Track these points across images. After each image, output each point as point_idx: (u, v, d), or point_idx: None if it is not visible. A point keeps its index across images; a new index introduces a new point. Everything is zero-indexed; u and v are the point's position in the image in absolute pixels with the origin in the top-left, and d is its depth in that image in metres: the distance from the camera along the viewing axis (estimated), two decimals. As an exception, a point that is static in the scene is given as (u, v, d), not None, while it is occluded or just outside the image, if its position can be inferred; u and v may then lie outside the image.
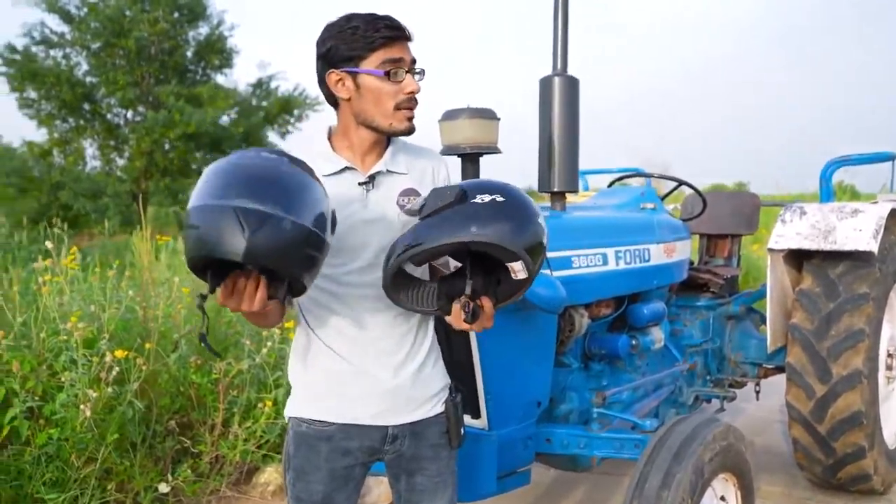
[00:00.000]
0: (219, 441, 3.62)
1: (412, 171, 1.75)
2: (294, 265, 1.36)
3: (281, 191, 1.33)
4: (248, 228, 1.26)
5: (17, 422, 3.04)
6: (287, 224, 1.30)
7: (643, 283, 3.04)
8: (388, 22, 1.61)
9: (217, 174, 1.36)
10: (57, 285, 3.61)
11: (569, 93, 2.70)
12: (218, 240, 1.27)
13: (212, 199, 1.31)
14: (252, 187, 1.31)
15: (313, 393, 1.73)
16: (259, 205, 1.28)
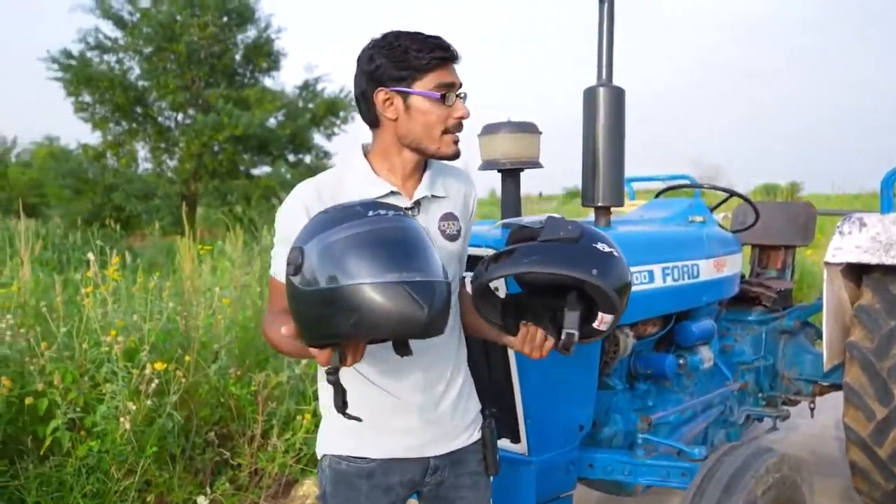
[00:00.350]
0: (258, 453, 3.61)
1: (450, 195, 1.72)
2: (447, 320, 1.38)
3: (423, 251, 1.32)
4: (424, 302, 1.24)
5: (58, 433, 3.06)
6: (442, 286, 1.31)
7: (692, 301, 2.91)
8: (440, 43, 1.56)
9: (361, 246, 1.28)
10: (100, 296, 3.64)
11: (614, 104, 2.59)
12: (402, 317, 1.24)
13: (375, 277, 1.24)
14: (404, 255, 1.28)
15: (354, 428, 1.62)
16: (420, 274, 1.27)
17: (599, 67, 2.63)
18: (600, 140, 2.60)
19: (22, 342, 3.35)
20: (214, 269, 5.52)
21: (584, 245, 1.56)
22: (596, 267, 1.52)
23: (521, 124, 2.35)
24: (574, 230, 1.57)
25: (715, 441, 3.31)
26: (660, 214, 3.16)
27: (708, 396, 3.10)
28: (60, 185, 19.16)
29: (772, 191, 25.75)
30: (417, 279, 1.25)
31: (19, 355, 3.31)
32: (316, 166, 20.98)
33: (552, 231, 1.57)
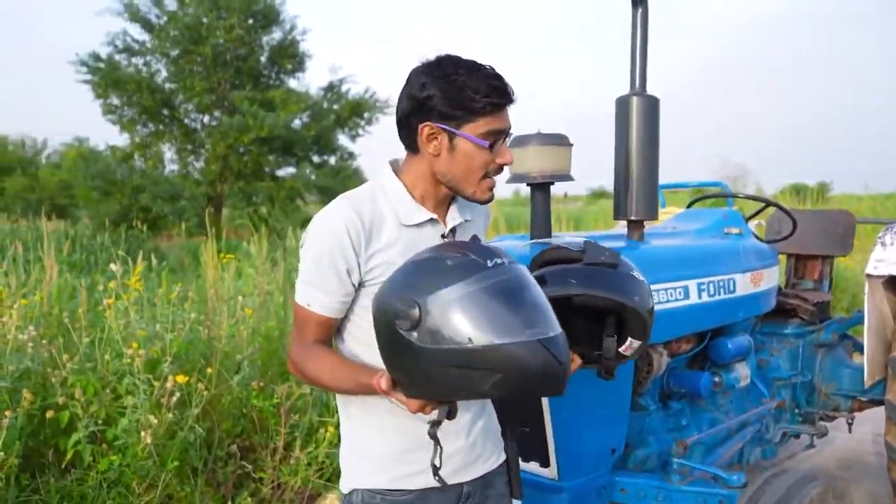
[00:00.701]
0: (280, 466, 3.55)
1: (475, 218, 1.69)
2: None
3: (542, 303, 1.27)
4: (562, 358, 1.21)
5: (80, 446, 3.03)
6: (561, 337, 1.25)
7: (728, 317, 2.81)
8: (499, 85, 1.46)
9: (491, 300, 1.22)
10: (122, 306, 3.60)
11: (648, 113, 2.50)
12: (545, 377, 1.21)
13: (510, 336, 1.18)
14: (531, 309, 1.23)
15: (389, 460, 1.58)
16: (546, 328, 1.22)
17: (633, 75, 2.53)
18: (634, 151, 2.51)
19: (44, 353, 3.32)
20: (238, 273, 5.49)
21: (622, 272, 1.61)
22: (637, 294, 1.58)
23: (552, 136, 2.26)
24: (612, 256, 1.62)
25: (750, 460, 3.20)
26: (693, 226, 3.05)
27: (744, 416, 2.99)
28: (89, 187, 19.37)
29: (800, 191, 25.36)
30: (551, 335, 1.21)
31: (41, 367, 3.28)
32: (340, 167, 21.02)
33: (593, 255, 1.62)
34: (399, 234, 1.53)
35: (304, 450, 3.58)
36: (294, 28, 20.75)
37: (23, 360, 3.16)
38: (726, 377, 2.82)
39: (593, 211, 23.25)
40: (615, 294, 1.56)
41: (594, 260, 1.61)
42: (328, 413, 3.79)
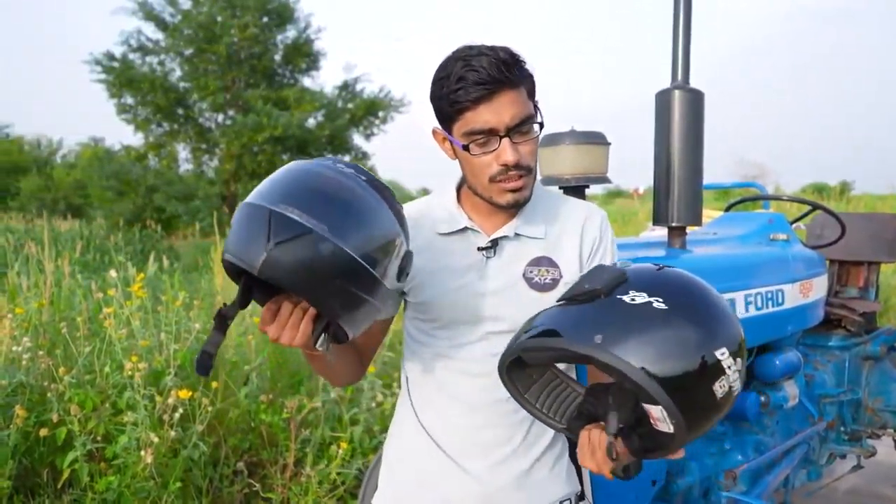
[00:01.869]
0: (290, 484, 3.35)
1: (550, 235, 1.40)
2: (325, 296, 1.08)
3: (337, 208, 1.09)
4: (273, 238, 1.04)
5: (77, 465, 2.84)
6: (327, 246, 1.06)
7: (776, 331, 2.57)
8: (478, 75, 1.22)
9: (280, 173, 1.15)
10: (123, 316, 3.41)
11: (692, 109, 2.27)
12: (242, 244, 1.07)
13: (258, 199, 1.10)
14: (305, 196, 1.09)
15: (401, 487, 1.47)
16: (299, 215, 1.06)
17: (675, 67, 2.31)
18: (675, 150, 2.28)
19: (41, 365, 3.14)
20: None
21: (608, 300, 1.10)
22: (603, 331, 1.05)
23: (588, 134, 2.04)
24: (609, 276, 1.14)
25: (796, 483, 2.97)
26: (736, 232, 2.82)
27: (793, 440, 2.75)
28: (103, 187, 19.38)
29: (822, 191, 24.98)
30: (290, 215, 1.06)
31: (37, 381, 3.10)
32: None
33: (580, 285, 1.17)
34: (431, 242, 1.39)
35: (315, 467, 3.38)
36: (308, 26, 20.70)
37: (16, 374, 2.98)
38: (774, 397, 2.59)
39: (611, 212, 22.98)
40: (569, 341, 1.08)
41: (575, 292, 1.16)
42: (341, 427, 3.59)
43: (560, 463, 1.46)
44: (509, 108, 1.24)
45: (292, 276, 1.05)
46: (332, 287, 1.08)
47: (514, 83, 1.24)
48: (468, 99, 1.23)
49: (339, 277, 1.07)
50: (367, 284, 1.11)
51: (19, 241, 10.84)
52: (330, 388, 3.65)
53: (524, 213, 1.39)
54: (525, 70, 1.28)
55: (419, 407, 1.44)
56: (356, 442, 3.51)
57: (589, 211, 1.44)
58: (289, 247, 1.04)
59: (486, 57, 1.23)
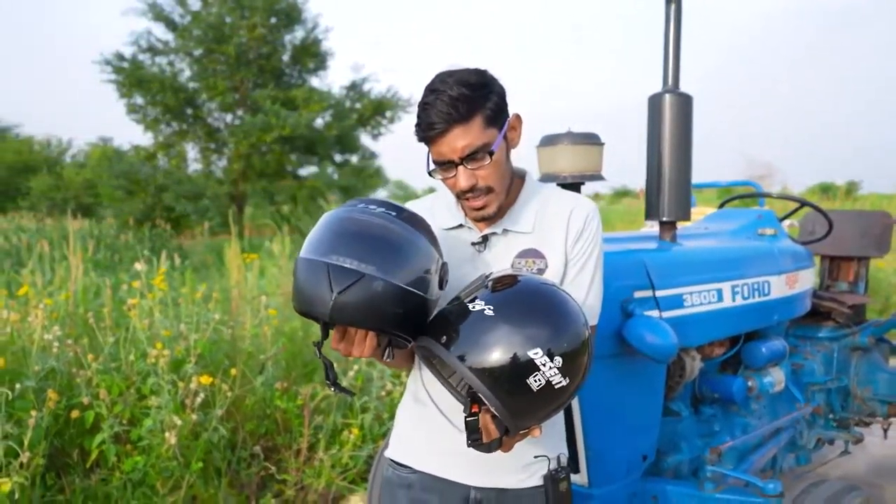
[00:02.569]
0: (304, 468, 3.53)
1: (538, 229, 1.56)
2: (386, 324, 1.29)
3: (379, 249, 1.28)
4: (336, 287, 1.23)
5: (105, 446, 3.02)
6: (378, 284, 1.25)
7: (762, 320, 2.73)
8: (425, 114, 1.41)
9: (323, 226, 1.33)
10: (146, 306, 3.60)
11: (681, 111, 2.43)
12: (310, 296, 1.26)
13: (311, 254, 1.29)
14: (351, 244, 1.27)
15: (406, 436, 1.68)
16: (352, 262, 1.24)
17: (665, 73, 2.47)
18: (666, 150, 2.45)
19: (70, 353, 3.32)
20: (262, 271, 5.48)
21: (461, 306, 1.31)
22: (447, 333, 1.28)
23: (583, 135, 2.21)
24: (470, 286, 1.35)
25: (784, 466, 3.13)
26: (726, 227, 2.98)
27: (778, 422, 2.92)
28: (113, 186, 19.51)
29: (829, 190, 25.02)
30: (344, 265, 1.24)
31: (67, 367, 3.28)
32: (362, 167, 21.04)
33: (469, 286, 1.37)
34: (439, 236, 1.53)
35: (327, 451, 3.55)
36: (316, 27, 20.78)
37: (48, 360, 3.16)
38: (760, 382, 2.75)
39: (618, 211, 23.10)
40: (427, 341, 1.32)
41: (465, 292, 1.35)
42: (352, 415, 3.76)
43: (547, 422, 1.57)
44: (461, 141, 1.41)
45: (356, 315, 1.25)
46: (392, 315, 1.27)
47: (464, 118, 1.40)
48: (426, 137, 1.44)
49: (394, 306, 1.26)
50: (418, 304, 1.30)
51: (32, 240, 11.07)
52: (342, 377, 3.82)
53: (513, 211, 1.56)
54: (480, 100, 1.42)
55: (423, 373, 1.62)
56: (366, 429, 3.68)
57: (576, 203, 1.58)
58: (349, 293, 1.22)
59: (441, 97, 1.39)
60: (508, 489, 1.58)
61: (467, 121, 1.41)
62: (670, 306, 2.28)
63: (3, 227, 15.84)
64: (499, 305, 1.27)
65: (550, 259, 1.53)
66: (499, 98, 1.46)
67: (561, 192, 1.64)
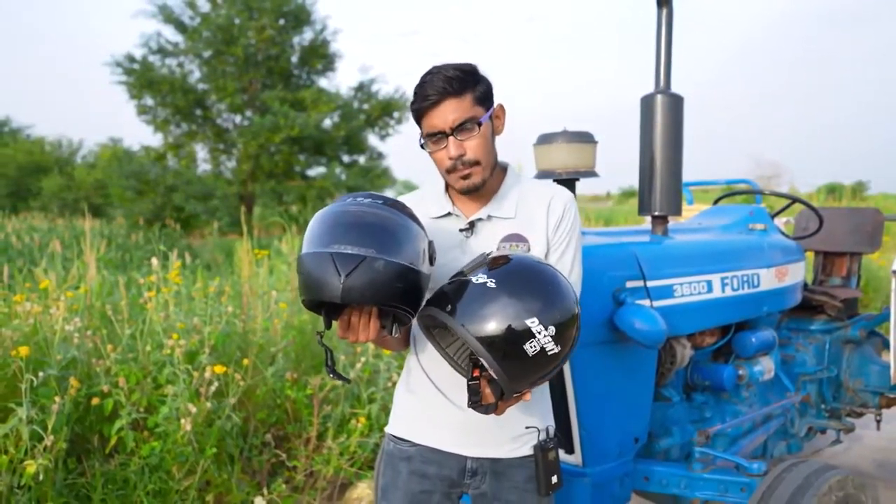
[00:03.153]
0: (313, 455, 3.66)
1: (520, 215, 1.70)
2: (392, 299, 1.41)
3: (374, 233, 1.41)
4: (343, 272, 1.34)
5: (123, 433, 3.16)
6: (380, 264, 1.37)
7: (751, 311, 2.85)
8: (422, 89, 1.60)
9: (319, 222, 1.46)
10: (162, 300, 3.74)
11: (672, 112, 2.56)
12: (319, 284, 1.37)
13: (314, 248, 1.40)
14: (349, 233, 1.40)
15: (405, 412, 1.80)
16: (353, 248, 1.37)
17: (657, 74, 2.59)
18: (658, 148, 2.57)
19: (89, 344, 3.46)
20: (271, 269, 5.62)
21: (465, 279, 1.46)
22: (453, 303, 1.42)
23: (578, 134, 2.33)
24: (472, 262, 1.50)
25: (775, 454, 3.24)
26: (718, 222, 3.10)
27: (767, 409, 3.03)
28: (123, 186, 19.70)
29: (836, 191, 25.01)
30: (346, 251, 1.36)
31: (87, 357, 3.43)
32: (370, 167, 21.17)
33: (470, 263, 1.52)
34: (427, 226, 1.65)
35: (336, 439, 3.68)
36: (325, 28, 20.95)
37: (69, 350, 3.30)
38: (750, 370, 2.87)
39: (624, 210, 23.19)
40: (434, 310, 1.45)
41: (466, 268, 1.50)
42: (359, 405, 3.89)
43: (532, 401, 1.72)
44: (452, 113, 1.58)
45: (365, 294, 1.36)
46: (395, 290, 1.40)
47: (457, 93, 1.58)
48: (421, 107, 1.60)
49: (395, 281, 1.39)
50: (415, 279, 1.43)
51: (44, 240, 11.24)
52: (349, 368, 3.96)
53: (496, 198, 1.71)
54: (471, 82, 1.60)
55: (421, 356, 1.76)
56: (373, 418, 3.81)
57: (555, 191, 1.73)
58: (355, 275, 1.34)
59: (437, 75, 1.58)
60: (502, 458, 1.72)
61: (459, 95, 1.58)
62: (661, 296, 2.40)
63: (16, 227, 16.05)
64: (500, 279, 1.41)
65: (533, 242, 1.67)
66: (487, 87, 1.64)
67: (539, 182, 1.80)
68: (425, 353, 1.75)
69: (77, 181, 28.76)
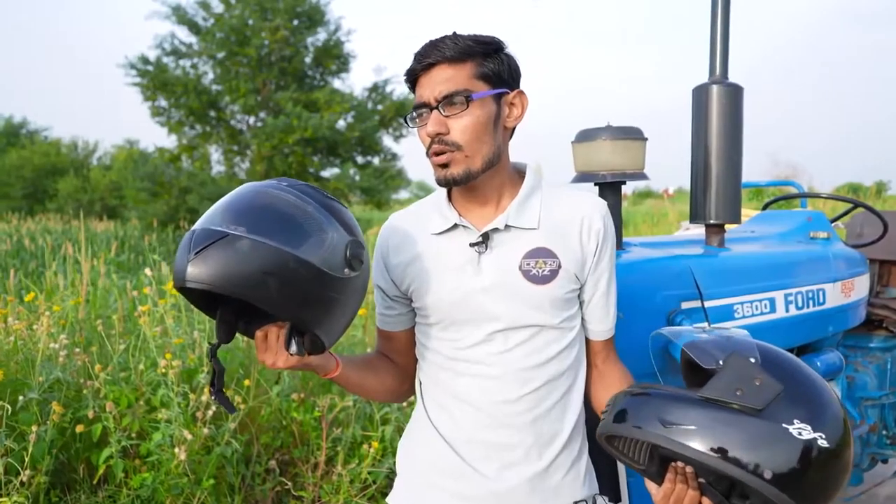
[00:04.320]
0: (321, 483, 3.36)
1: (545, 226, 1.36)
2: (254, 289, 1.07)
3: (255, 213, 1.12)
4: (193, 248, 1.07)
5: (112, 461, 2.87)
6: (244, 244, 1.07)
7: (817, 332, 2.51)
8: (419, 51, 1.31)
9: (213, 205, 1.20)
10: (157, 314, 3.45)
11: (731, 104, 2.22)
12: (175, 264, 1.10)
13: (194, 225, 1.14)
14: (225, 211, 1.12)
15: (413, 483, 1.45)
16: (221, 226, 1.09)
17: (712, 61, 2.26)
18: (714, 146, 2.24)
19: (77, 362, 3.18)
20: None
21: (767, 424, 1.06)
22: (773, 466, 1.03)
23: (624, 129, 2.00)
24: (761, 395, 1.08)
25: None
26: (775, 230, 2.76)
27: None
28: (137, 188, 19.66)
29: (857, 191, 24.53)
30: (202, 226, 1.10)
31: (74, 377, 3.14)
32: (384, 168, 20.96)
33: (727, 386, 1.11)
34: (428, 245, 1.38)
35: (346, 465, 3.38)
36: (339, 28, 20.78)
37: (53, 371, 3.01)
38: (814, 399, 2.53)
39: (640, 211, 22.79)
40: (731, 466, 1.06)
41: (720, 395, 1.11)
42: (372, 427, 3.58)
43: (578, 465, 1.42)
44: (443, 82, 1.28)
45: (216, 277, 1.05)
46: (260, 279, 1.07)
47: (455, 59, 1.27)
48: (414, 71, 1.31)
49: (264, 268, 1.07)
50: (302, 273, 1.10)
51: (57, 242, 11.09)
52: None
53: (515, 203, 1.36)
54: (479, 53, 1.29)
55: (430, 408, 1.42)
56: (387, 441, 3.50)
57: (591, 201, 1.40)
58: (209, 252, 1.06)
59: (443, 38, 1.29)
60: None
61: (456, 62, 1.28)
62: (720, 318, 2.07)
63: (30, 229, 15.97)
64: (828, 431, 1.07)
65: (564, 258, 1.34)
66: (503, 65, 1.32)
67: (566, 188, 1.46)
68: (439, 408, 1.40)
69: (92, 183, 28.80)
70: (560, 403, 1.38)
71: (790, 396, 1.08)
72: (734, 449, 1.05)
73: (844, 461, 1.06)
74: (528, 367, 1.33)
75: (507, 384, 1.33)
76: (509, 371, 1.33)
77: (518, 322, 1.32)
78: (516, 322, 1.32)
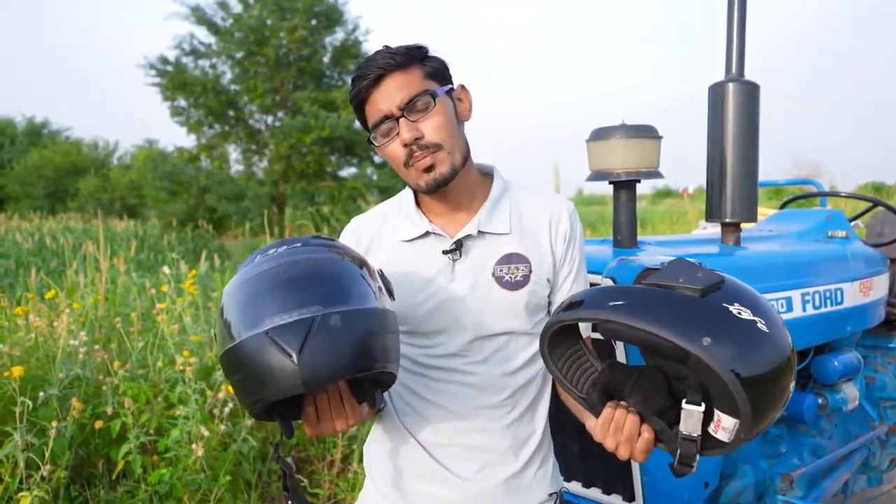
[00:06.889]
0: (337, 480, 3.38)
1: (516, 229, 1.34)
2: (367, 360, 1.03)
3: (311, 285, 1.03)
4: (292, 348, 0.96)
5: (130, 457, 2.90)
6: (335, 319, 0.99)
7: (835, 331, 2.49)
8: (360, 71, 1.27)
9: (233, 299, 1.06)
10: (175, 312, 3.48)
11: (747, 102, 2.21)
12: (267, 378, 0.98)
13: (239, 336, 1.01)
14: (274, 298, 1.01)
15: (389, 487, 1.40)
16: (292, 315, 0.98)
17: (729, 59, 2.25)
18: (730, 144, 2.23)
19: (97, 359, 3.21)
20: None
21: (708, 302, 1.06)
22: (711, 334, 1.01)
23: (638, 128, 2.00)
24: (702, 279, 1.08)
25: (855, 490, 2.87)
26: (793, 228, 2.74)
27: (853, 444, 2.66)
28: (157, 187, 19.78)
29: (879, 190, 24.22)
30: (281, 322, 0.98)
31: (93, 374, 3.18)
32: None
33: (670, 275, 1.11)
34: (397, 251, 1.35)
35: (361, 463, 3.39)
36: (357, 28, 20.80)
37: (73, 367, 3.05)
38: (832, 399, 2.50)
39: (659, 211, 22.64)
40: (664, 329, 1.03)
41: (666, 281, 1.10)
42: (387, 424, 3.60)
43: (546, 464, 1.42)
44: (399, 89, 1.25)
45: (334, 363, 0.99)
46: (365, 345, 1.03)
47: (403, 66, 1.25)
48: (361, 90, 1.26)
49: (362, 333, 1.02)
50: (380, 321, 1.06)
51: (77, 241, 11.20)
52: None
53: (486, 208, 1.34)
54: (419, 58, 1.28)
55: (405, 414, 1.38)
56: (402, 439, 3.51)
57: (557, 202, 1.39)
58: (311, 344, 0.97)
59: (376, 54, 1.27)
60: None
61: (405, 69, 1.26)
62: (735, 317, 2.06)
63: (51, 228, 16.14)
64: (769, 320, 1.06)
65: (535, 262, 1.33)
66: (440, 64, 1.31)
67: (532, 189, 1.43)
68: (413, 413, 1.37)
69: (112, 182, 29.05)
70: (533, 405, 1.39)
71: (731, 288, 1.09)
72: (676, 320, 1.04)
73: (785, 355, 1.05)
74: (504, 374, 1.33)
75: (486, 391, 1.33)
76: (487, 379, 1.33)
77: (492, 329, 1.31)
78: (491, 330, 1.31)
